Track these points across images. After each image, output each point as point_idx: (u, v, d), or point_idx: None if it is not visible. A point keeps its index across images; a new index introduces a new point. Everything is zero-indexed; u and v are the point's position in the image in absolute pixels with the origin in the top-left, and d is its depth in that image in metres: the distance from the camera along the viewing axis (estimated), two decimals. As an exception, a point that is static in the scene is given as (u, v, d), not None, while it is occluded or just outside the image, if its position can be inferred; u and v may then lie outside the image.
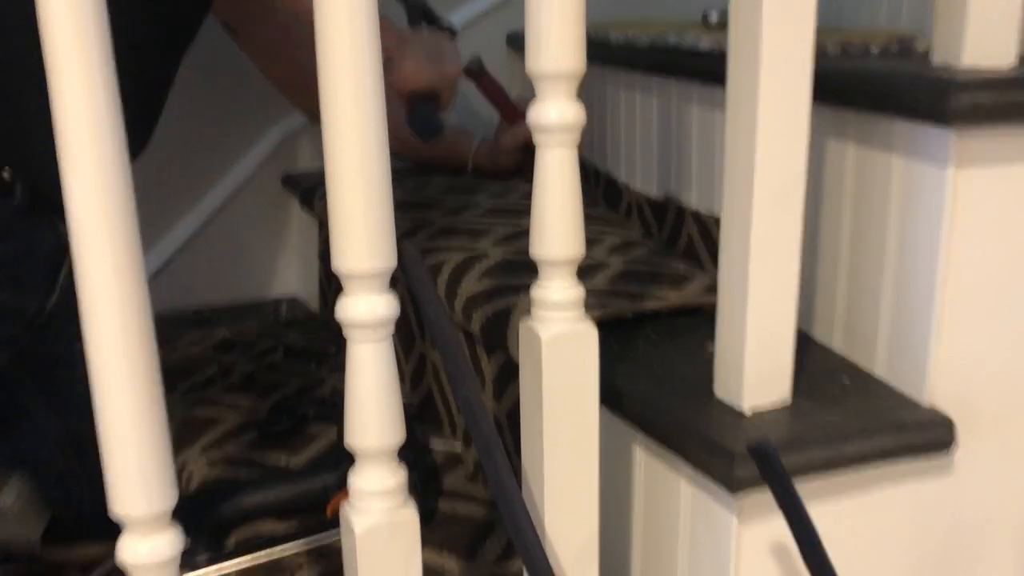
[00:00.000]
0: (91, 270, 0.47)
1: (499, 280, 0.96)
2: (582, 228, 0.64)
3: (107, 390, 0.48)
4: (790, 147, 0.68)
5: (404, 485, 0.59)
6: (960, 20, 0.71)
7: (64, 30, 0.44)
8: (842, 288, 0.82)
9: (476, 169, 1.51)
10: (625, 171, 1.22)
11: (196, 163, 1.54)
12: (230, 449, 1.08)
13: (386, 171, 0.54)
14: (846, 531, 0.75)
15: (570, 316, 0.65)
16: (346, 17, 0.50)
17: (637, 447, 0.80)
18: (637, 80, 1.15)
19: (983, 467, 0.78)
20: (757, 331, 0.71)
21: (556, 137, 0.61)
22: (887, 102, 0.73)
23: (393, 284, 0.56)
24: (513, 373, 0.88)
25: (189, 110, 1.32)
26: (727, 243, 0.72)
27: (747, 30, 0.66)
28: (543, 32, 0.60)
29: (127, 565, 0.51)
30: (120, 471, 0.49)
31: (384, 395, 0.56)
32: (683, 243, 1.07)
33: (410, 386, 1.20)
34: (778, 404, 0.74)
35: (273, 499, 0.92)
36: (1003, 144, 0.71)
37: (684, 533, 0.76)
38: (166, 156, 1.47)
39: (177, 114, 1.29)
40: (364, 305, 0.55)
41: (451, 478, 1.01)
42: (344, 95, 0.51)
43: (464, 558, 0.86)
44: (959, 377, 0.75)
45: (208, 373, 1.28)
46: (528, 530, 0.58)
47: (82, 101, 0.44)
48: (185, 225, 1.55)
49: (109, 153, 0.46)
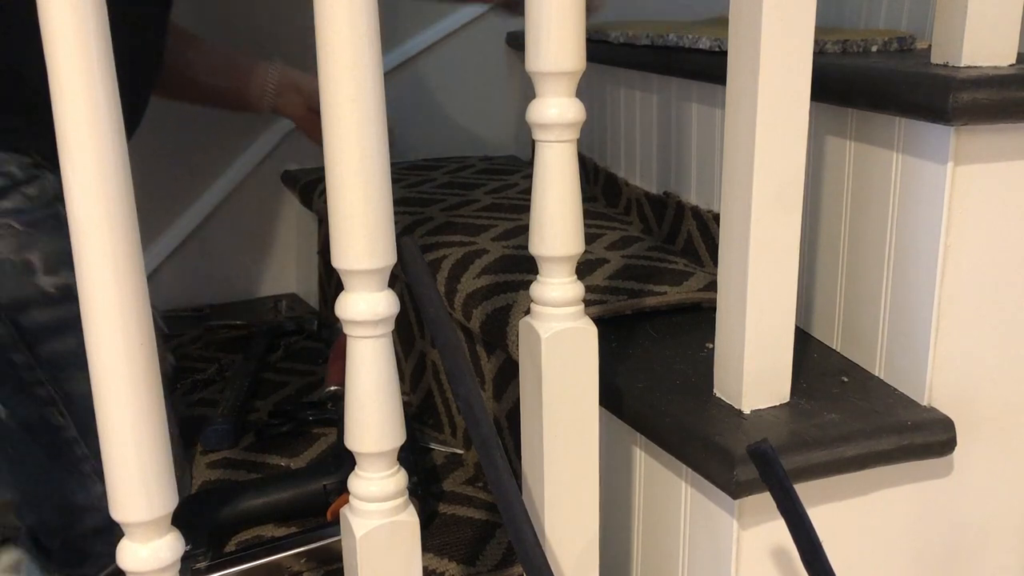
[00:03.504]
0: (91, 270, 0.47)
1: (499, 276, 0.96)
2: (581, 225, 0.64)
3: (107, 392, 0.48)
4: (789, 145, 0.68)
5: (404, 488, 0.59)
6: (960, 19, 0.71)
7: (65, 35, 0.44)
8: (841, 287, 0.82)
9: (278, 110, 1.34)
10: (625, 168, 1.22)
11: (195, 161, 1.54)
12: (230, 451, 1.08)
13: (386, 169, 0.54)
14: (846, 532, 0.75)
15: (569, 313, 0.65)
16: (346, 17, 0.50)
17: (637, 448, 0.80)
18: (637, 78, 1.15)
19: (983, 467, 0.78)
20: (756, 330, 0.71)
21: (556, 134, 0.61)
22: (887, 100, 0.73)
23: (393, 282, 0.56)
24: (513, 372, 0.88)
25: (189, 108, 1.31)
26: (726, 242, 0.72)
27: (747, 29, 0.66)
28: (543, 31, 0.60)
29: (128, 570, 0.51)
30: (120, 475, 0.49)
31: (384, 393, 0.56)
32: (682, 239, 1.07)
33: (410, 386, 1.20)
34: (777, 404, 0.74)
35: (273, 502, 0.92)
36: (1002, 142, 0.71)
37: (684, 536, 0.76)
38: (165, 154, 1.47)
39: (177, 112, 1.29)
40: (364, 302, 0.55)
41: (451, 480, 1.01)
42: (344, 95, 0.51)
43: (464, 562, 0.86)
44: (959, 376, 0.75)
45: (208, 373, 1.28)
46: (528, 534, 0.58)
47: (82, 100, 0.44)
48: (184, 223, 1.55)
49: (109, 152, 0.45)
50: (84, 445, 0.92)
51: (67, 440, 0.92)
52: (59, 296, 0.90)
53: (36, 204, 0.91)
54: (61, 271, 0.90)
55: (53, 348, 0.90)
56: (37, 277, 0.89)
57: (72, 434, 0.92)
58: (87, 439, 0.92)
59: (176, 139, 1.45)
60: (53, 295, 0.90)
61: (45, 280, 0.90)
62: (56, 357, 0.91)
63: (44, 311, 0.90)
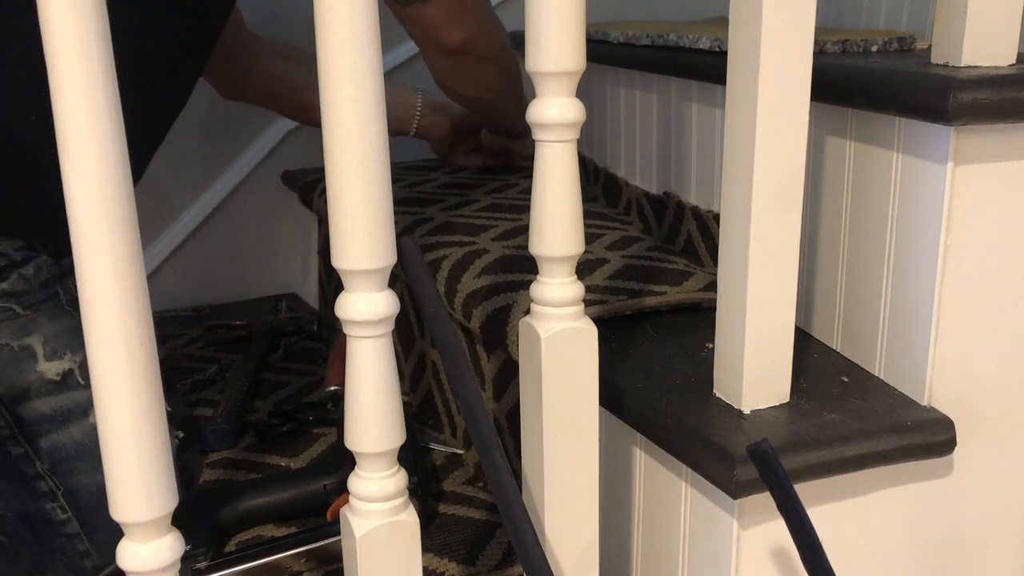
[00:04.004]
0: (91, 270, 0.47)
1: (499, 276, 0.96)
2: (581, 225, 0.64)
3: (107, 392, 0.48)
4: (789, 145, 0.68)
5: (404, 488, 0.59)
6: (960, 19, 0.71)
7: (64, 36, 0.44)
8: (841, 287, 0.82)
9: (420, 134, 1.47)
10: (625, 167, 1.22)
11: (195, 160, 1.54)
12: (230, 451, 1.08)
13: (386, 169, 0.54)
14: (846, 533, 0.75)
15: (569, 313, 0.65)
16: (346, 17, 0.50)
17: (637, 448, 0.80)
18: (637, 78, 1.15)
19: (983, 467, 0.78)
20: (756, 330, 0.71)
21: (556, 134, 0.61)
22: (887, 100, 0.73)
23: (393, 282, 0.56)
24: (513, 372, 0.88)
25: (189, 107, 1.31)
26: (726, 242, 0.72)
27: (747, 29, 0.66)
28: (543, 31, 0.60)
29: (128, 570, 0.51)
30: (120, 475, 0.49)
31: (384, 393, 0.56)
32: (682, 240, 1.07)
33: (410, 386, 1.20)
34: (777, 404, 0.74)
35: (273, 502, 0.92)
36: (1002, 142, 0.71)
37: (684, 536, 0.76)
38: (166, 153, 1.47)
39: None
40: (364, 302, 0.55)
41: (451, 480, 1.01)
42: (344, 95, 0.51)
43: (464, 562, 0.86)
44: (958, 376, 0.75)
45: (208, 373, 1.28)
46: (528, 534, 0.58)
47: (82, 100, 0.44)
48: (184, 222, 1.55)
49: (109, 152, 0.45)
50: (86, 540, 0.90)
51: (68, 535, 0.89)
52: (60, 384, 0.88)
53: (34, 285, 0.87)
54: (63, 355, 0.87)
55: (54, 440, 0.88)
56: (38, 363, 0.87)
57: (74, 529, 0.89)
58: (91, 534, 0.89)
59: (176, 139, 1.45)
60: (54, 382, 0.87)
61: (46, 366, 0.87)
62: (57, 449, 0.88)
63: (45, 401, 0.87)
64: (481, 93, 1.31)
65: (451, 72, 1.25)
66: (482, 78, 1.27)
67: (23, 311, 0.87)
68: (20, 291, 0.87)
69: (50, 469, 0.88)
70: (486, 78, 1.27)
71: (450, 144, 1.49)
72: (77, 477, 0.88)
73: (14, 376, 0.86)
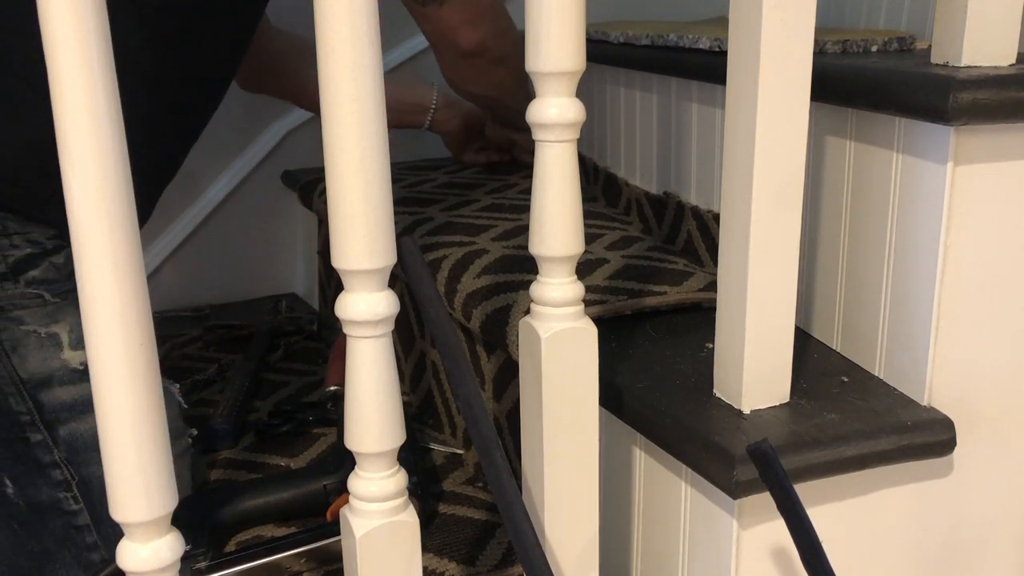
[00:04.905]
0: (91, 270, 0.47)
1: (499, 276, 0.96)
2: (581, 225, 0.64)
3: (107, 392, 0.48)
4: (789, 145, 0.68)
5: (404, 488, 0.59)
6: (960, 19, 0.71)
7: (64, 36, 0.44)
8: (841, 287, 0.82)
9: (434, 128, 1.48)
10: (625, 167, 1.22)
11: (195, 160, 1.53)
12: (230, 451, 1.08)
13: (386, 169, 0.54)
14: (846, 532, 0.75)
15: (569, 313, 0.65)
16: (346, 17, 0.50)
17: (637, 448, 0.80)
18: (637, 78, 1.15)
19: (983, 467, 0.78)
20: (756, 330, 0.71)
21: (556, 134, 0.61)
22: (887, 100, 0.73)
23: (393, 282, 0.56)
24: (513, 372, 0.88)
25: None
26: (726, 242, 0.72)
27: (747, 29, 0.66)
28: (543, 31, 0.60)
29: (128, 570, 0.51)
30: (120, 475, 0.49)
31: (384, 393, 0.56)
32: (682, 240, 1.07)
33: (410, 386, 1.20)
34: (777, 404, 0.74)
35: (273, 502, 0.92)
36: (1002, 142, 0.71)
37: (684, 536, 0.76)
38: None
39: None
40: (364, 303, 0.55)
41: (451, 480, 1.01)
42: (344, 95, 0.51)
43: (464, 562, 0.86)
44: (958, 376, 0.75)
45: (208, 373, 1.28)
46: (528, 534, 0.58)
47: (82, 100, 0.44)
48: (184, 223, 1.55)
49: (109, 152, 0.45)
50: (95, 533, 0.90)
51: (77, 527, 0.89)
52: (83, 373, 0.88)
53: (63, 274, 0.89)
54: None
55: (73, 429, 0.88)
56: (63, 352, 0.87)
57: (84, 520, 0.89)
58: (100, 527, 0.89)
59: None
60: (77, 371, 0.88)
61: (71, 355, 0.88)
62: (75, 438, 0.88)
63: (67, 389, 0.87)
64: (490, 91, 1.32)
65: (464, 72, 1.26)
66: (494, 78, 1.28)
67: (52, 299, 0.88)
68: (50, 279, 0.88)
69: (66, 458, 0.88)
70: (497, 78, 1.28)
71: (464, 140, 1.50)
72: (91, 468, 0.89)
73: (39, 363, 0.87)
